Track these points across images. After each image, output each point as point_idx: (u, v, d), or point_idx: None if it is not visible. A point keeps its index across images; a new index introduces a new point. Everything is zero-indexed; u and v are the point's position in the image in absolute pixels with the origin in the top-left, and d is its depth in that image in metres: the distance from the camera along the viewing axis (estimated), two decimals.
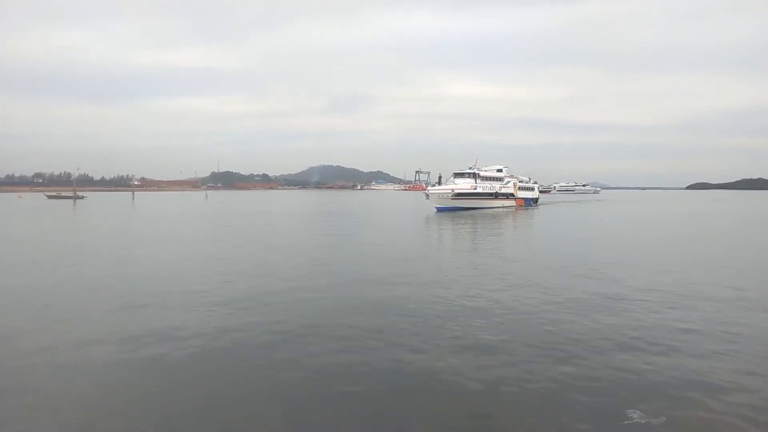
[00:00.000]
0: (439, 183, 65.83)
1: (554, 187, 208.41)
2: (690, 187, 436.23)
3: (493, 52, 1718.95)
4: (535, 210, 65.60)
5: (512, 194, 71.12)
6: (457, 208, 58.41)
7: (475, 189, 62.09)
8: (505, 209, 63.75)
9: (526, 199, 75.46)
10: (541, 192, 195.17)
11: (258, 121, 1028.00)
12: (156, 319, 11.34)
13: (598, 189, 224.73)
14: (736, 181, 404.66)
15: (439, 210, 56.99)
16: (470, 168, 65.72)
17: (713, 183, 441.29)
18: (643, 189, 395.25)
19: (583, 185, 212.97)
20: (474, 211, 57.70)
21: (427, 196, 60.10)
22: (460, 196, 59.79)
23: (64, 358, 9.01)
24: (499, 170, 71.90)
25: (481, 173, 66.02)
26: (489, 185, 65.54)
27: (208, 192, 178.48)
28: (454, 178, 64.19)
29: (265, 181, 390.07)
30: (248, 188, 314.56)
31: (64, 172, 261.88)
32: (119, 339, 9.94)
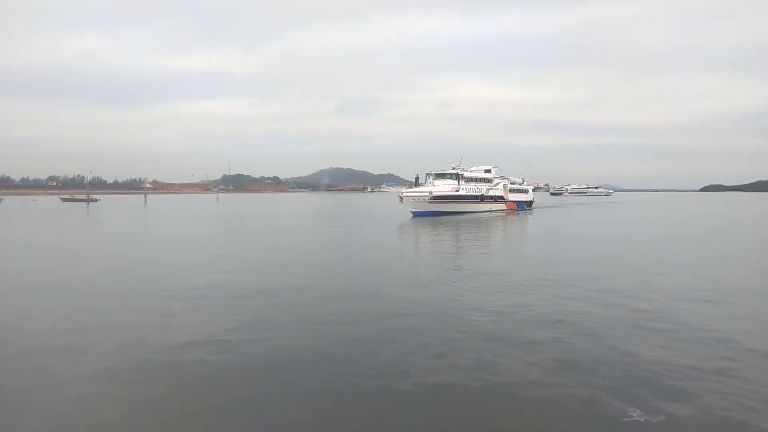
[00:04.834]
0: (416, 184, 58.87)
1: (566, 189, 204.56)
2: (704, 189, 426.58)
3: (505, 55, 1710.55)
4: (529, 214, 61.52)
5: (501, 197, 66.55)
6: (436, 213, 53.52)
7: (457, 191, 57.24)
8: (492, 214, 58.99)
9: (518, 203, 69.98)
10: (552, 194, 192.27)
11: (269, 125, 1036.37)
12: (158, 320, 11.52)
13: (610, 191, 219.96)
14: (751, 183, 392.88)
15: (416, 215, 51.60)
16: (453, 168, 60.28)
17: (727, 185, 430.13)
18: (656, 191, 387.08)
19: (595, 187, 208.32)
20: (456, 215, 52.97)
21: (401, 199, 54.16)
22: (439, 199, 54.78)
23: (70, 359, 9.08)
24: (488, 171, 66.68)
25: (466, 174, 60.71)
26: (474, 187, 60.75)
27: (219, 195, 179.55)
28: (434, 179, 58.11)
29: (276, 184, 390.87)
30: (259, 191, 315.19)
31: (78, 175, 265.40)
32: (123, 341, 10.02)
